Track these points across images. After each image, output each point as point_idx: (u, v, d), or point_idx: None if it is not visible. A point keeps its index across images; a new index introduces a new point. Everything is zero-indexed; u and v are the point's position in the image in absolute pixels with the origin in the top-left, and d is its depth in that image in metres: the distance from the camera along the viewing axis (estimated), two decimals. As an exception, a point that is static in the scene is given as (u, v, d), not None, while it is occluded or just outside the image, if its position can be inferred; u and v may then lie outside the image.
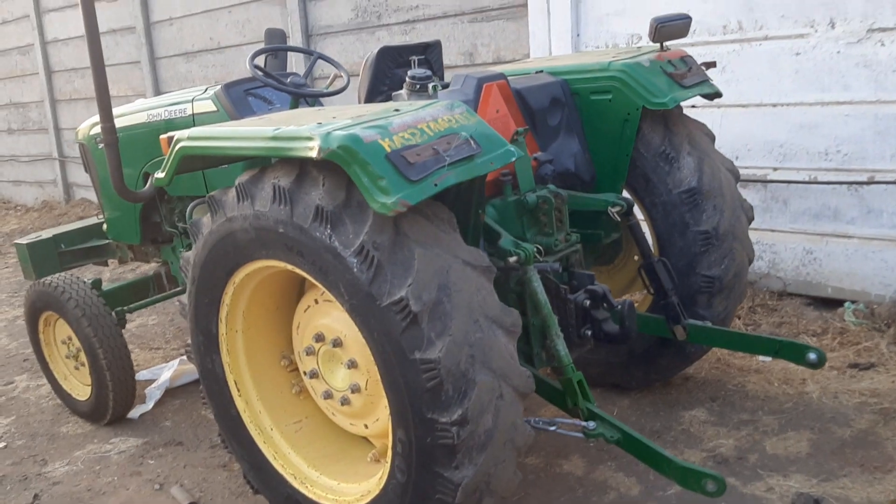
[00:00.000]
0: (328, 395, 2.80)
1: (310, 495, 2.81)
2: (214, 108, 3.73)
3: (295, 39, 6.96)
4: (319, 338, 2.74)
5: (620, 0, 4.95)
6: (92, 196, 10.11)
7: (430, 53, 3.52)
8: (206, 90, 3.88)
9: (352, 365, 2.66)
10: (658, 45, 3.43)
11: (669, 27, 3.29)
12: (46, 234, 4.79)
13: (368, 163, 2.19)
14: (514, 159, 2.44)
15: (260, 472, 2.96)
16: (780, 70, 4.41)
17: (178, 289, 4.59)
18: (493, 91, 3.02)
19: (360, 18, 6.52)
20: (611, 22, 5.04)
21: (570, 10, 5.11)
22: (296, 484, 2.86)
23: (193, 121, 3.83)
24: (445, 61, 4.10)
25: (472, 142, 2.37)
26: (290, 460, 2.91)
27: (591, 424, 2.67)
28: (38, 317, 4.29)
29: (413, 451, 2.34)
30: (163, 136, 2.99)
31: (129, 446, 3.96)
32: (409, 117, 2.37)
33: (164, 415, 4.28)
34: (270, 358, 3.03)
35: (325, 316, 2.74)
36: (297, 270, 2.49)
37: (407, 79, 2.85)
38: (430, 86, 2.85)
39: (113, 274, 7.08)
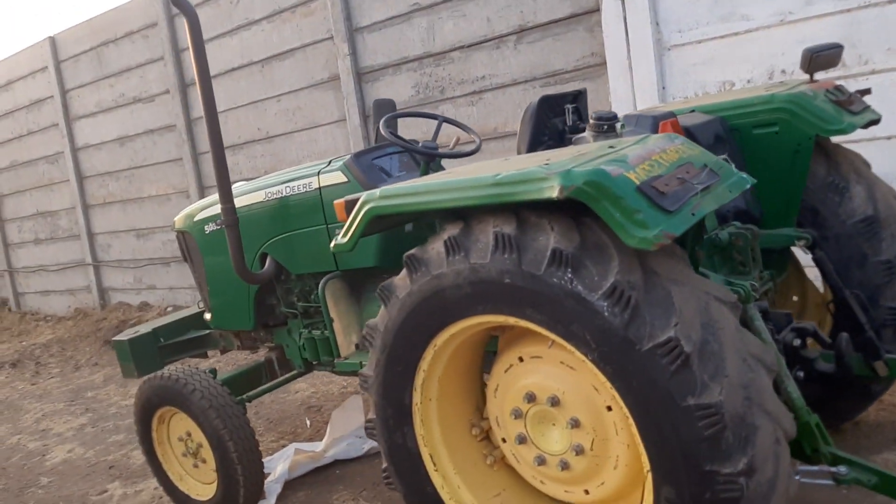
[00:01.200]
0: (541, 462, 2.59)
1: (531, 575, 2.57)
2: (344, 179, 3.62)
3: (352, 123, 6.93)
4: (531, 398, 2.55)
5: (708, 49, 4.95)
6: (130, 298, 9.93)
7: (579, 101, 3.46)
8: (329, 163, 3.77)
9: (574, 425, 2.46)
10: (808, 76, 3.37)
11: (824, 56, 3.23)
12: (144, 328, 4.60)
13: (621, 197, 2.07)
14: (749, 185, 2.32)
15: (465, 553, 2.72)
16: (890, 103, 4.37)
17: (294, 373, 4.39)
18: (668, 129, 2.93)
19: (421, 95, 6.51)
20: (698, 72, 5.02)
21: (654, 64, 5.10)
22: (509, 562, 2.62)
23: (321, 194, 3.71)
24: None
25: (709, 170, 2.25)
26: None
27: (843, 469, 2.46)
28: (153, 414, 4.07)
29: (686, 508, 2.13)
30: (338, 202, 2.86)
31: (268, 545, 3.69)
32: (639, 150, 2.26)
33: (294, 507, 4.02)
34: (462, 427, 2.84)
35: (535, 374, 2.56)
36: (523, 323, 2.33)
37: (592, 121, 2.75)
38: (619, 126, 2.76)
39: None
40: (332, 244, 2.83)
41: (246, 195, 4.03)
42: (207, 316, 4.52)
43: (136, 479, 4.84)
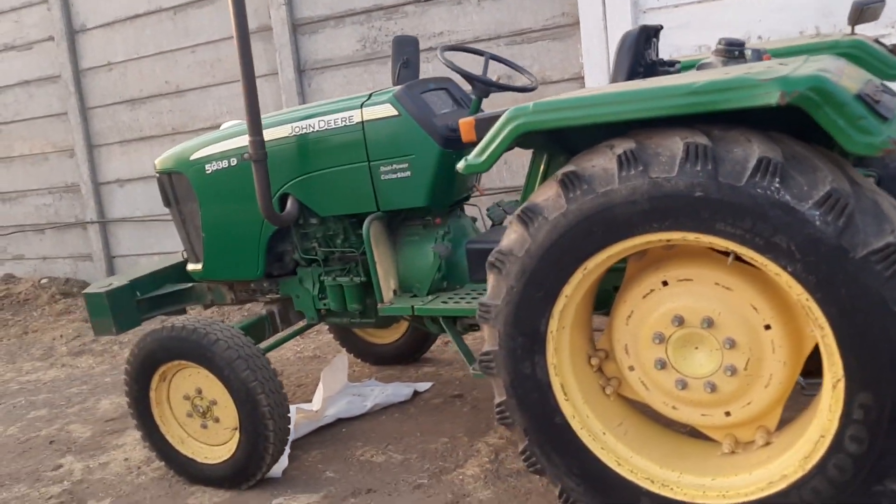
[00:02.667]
0: (683, 385, 2.57)
1: (679, 497, 2.55)
2: (395, 113, 3.41)
3: (286, 77, 6.57)
4: (679, 321, 2.53)
5: (685, 13, 5.12)
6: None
7: (657, 36, 3.45)
8: (368, 96, 3.53)
9: (730, 345, 2.46)
10: (850, 28, 3.54)
11: (870, 9, 3.42)
12: (118, 280, 4.13)
13: (844, 103, 2.08)
14: None
15: (597, 485, 2.64)
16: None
17: (305, 324, 4.10)
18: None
19: (367, 49, 6.27)
20: (674, 35, 5.18)
21: (630, 26, 5.20)
22: (654, 488, 2.58)
23: (363, 129, 3.48)
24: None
25: (883, 87, 2.32)
26: (636, 464, 2.63)
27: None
28: (155, 370, 3.65)
29: (885, 414, 2.18)
30: (464, 120, 2.69)
31: (308, 503, 3.42)
32: (829, 64, 2.28)
33: (314, 466, 3.75)
34: (583, 358, 2.76)
35: (684, 297, 2.53)
36: (705, 239, 2.29)
37: (721, 46, 2.74)
38: (748, 51, 2.77)
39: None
40: (461, 165, 2.66)
41: (264, 130, 3.70)
42: (193, 266, 4.12)
43: (92, 452, 4.34)
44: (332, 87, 6.48)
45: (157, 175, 4.13)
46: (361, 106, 3.50)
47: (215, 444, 3.68)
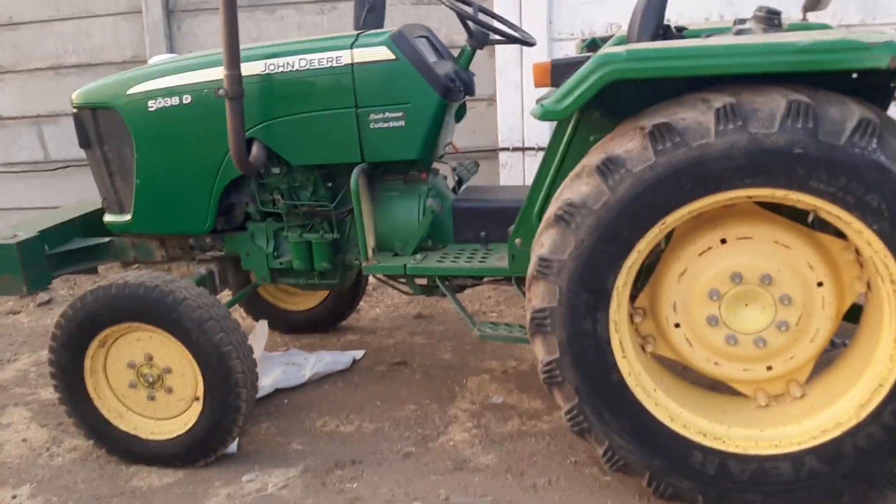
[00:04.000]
0: (733, 341, 2.64)
1: (731, 449, 2.62)
2: (391, 56, 3.17)
3: (152, 17, 5.91)
4: (737, 278, 2.59)
5: (599, -9, 5.24)
6: None
7: None
8: (356, 37, 3.26)
9: (786, 301, 2.57)
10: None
11: None
12: (24, 232, 3.50)
13: None
14: None
15: (650, 441, 2.64)
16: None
17: (254, 284, 3.73)
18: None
19: (253, -7, 5.80)
20: (586, 11, 5.30)
21: (545, 1, 5.26)
22: (707, 442, 2.63)
23: (353, 71, 3.20)
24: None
25: None
26: (687, 420, 2.67)
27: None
28: (95, 336, 3.14)
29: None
30: (539, 63, 2.54)
31: (289, 478, 3.11)
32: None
33: (271, 440, 3.42)
34: (627, 314, 2.74)
35: (743, 254, 2.60)
36: (794, 196, 2.36)
37: (760, 14, 2.80)
38: (783, 20, 2.86)
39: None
40: (536, 110, 2.52)
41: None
42: (116, 217, 3.60)
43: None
44: (206, 34, 5.92)
45: (75, 111, 3.54)
46: (352, 46, 3.21)
47: (164, 418, 3.24)
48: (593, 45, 3.94)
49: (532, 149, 5.50)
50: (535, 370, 3.82)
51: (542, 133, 5.48)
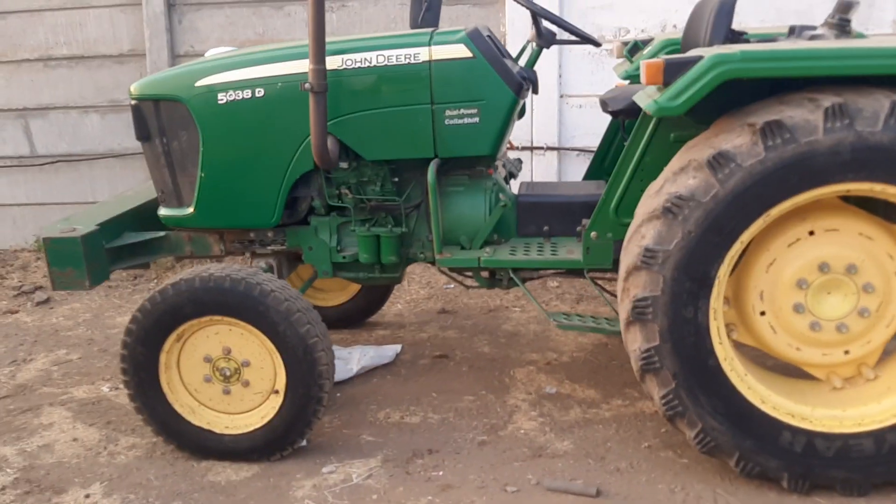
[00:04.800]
0: (816, 327, 2.82)
1: (818, 429, 2.79)
2: (469, 54, 3.25)
3: (153, 9, 5.80)
4: (822, 268, 2.77)
5: (609, -4, 5.42)
6: None
7: None
8: (432, 35, 3.31)
9: (868, 290, 2.76)
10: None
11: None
12: (82, 224, 3.42)
13: None
14: None
15: (742, 423, 2.79)
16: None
17: (314, 278, 3.73)
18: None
19: (259, -11, 5.77)
20: (596, 15, 5.47)
21: (556, 2, 5.40)
22: (795, 423, 2.79)
23: (430, 68, 3.26)
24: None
25: None
26: (776, 402, 2.82)
27: None
28: (173, 330, 3.11)
29: None
30: (651, 61, 2.65)
31: (371, 468, 3.15)
32: None
33: (338, 432, 3.44)
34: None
35: (831, 245, 2.77)
36: (892, 189, 2.55)
37: (832, 20, 2.98)
38: (852, 28, 3.04)
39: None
40: (650, 107, 2.64)
41: (302, 59, 3.30)
42: (175, 212, 3.55)
43: (15, 434, 3.56)
44: (210, 28, 5.87)
45: (135, 102, 3.48)
46: (429, 43, 3.27)
47: (239, 412, 3.23)
48: (635, 48, 4.10)
49: (540, 148, 5.63)
50: (577, 361, 4.01)
51: (550, 133, 5.63)
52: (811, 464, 2.80)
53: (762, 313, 2.86)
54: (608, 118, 5.29)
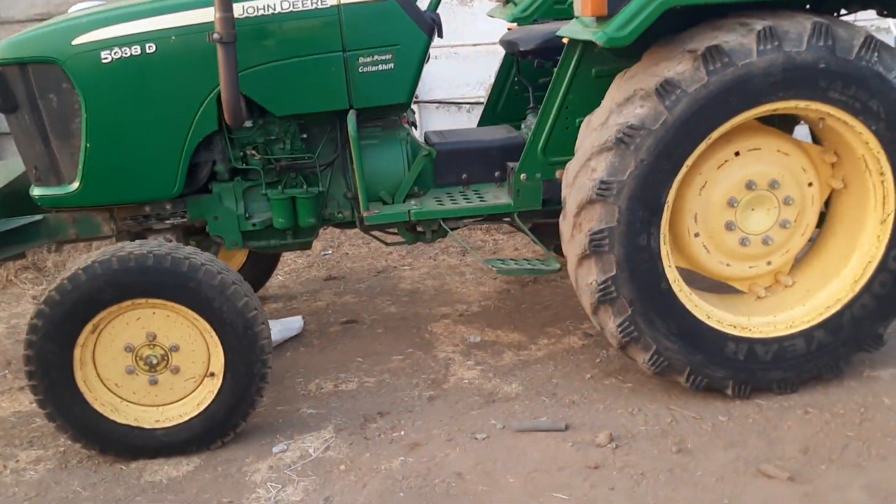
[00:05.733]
0: (744, 242, 3.01)
1: (756, 335, 2.98)
2: None
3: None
4: (750, 185, 2.95)
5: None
6: None
7: None
8: None
9: (788, 202, 2.98)
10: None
11: None
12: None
13: None
14: None
15: (692, 339, 2.93)
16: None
17: (216, 249, 3.41)
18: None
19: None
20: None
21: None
22: (737, 332, 2.98)
23: (340, 13, 3.09)
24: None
25: None
26: (718, 316, 2.99)
27: None
28: (88, 321, 2.75)
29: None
30: None
31: (326, 440, 2.98)
32: None
33: (272, 408, 3.23)
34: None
35: (756, 164, 2.95)
36: (815, 106, 2.77)
37: None
38: None
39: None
40: (600, 37, 2.64)
41: (198, 9, 3.01)
42: (54, 191, 3.13)
43: None
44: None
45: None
46: (338, -12, 3.08)
47: (170, 402, 2.94)
48: (510, -9, 4.10)
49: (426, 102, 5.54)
50: (487, 309, 4.04)
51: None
52: (752, 369, 2.99)
53: (696, 234, 3.00)
54: (466, 68, 5.31)
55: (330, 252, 5.09)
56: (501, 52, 4.54)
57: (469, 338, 3.74)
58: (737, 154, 2.95)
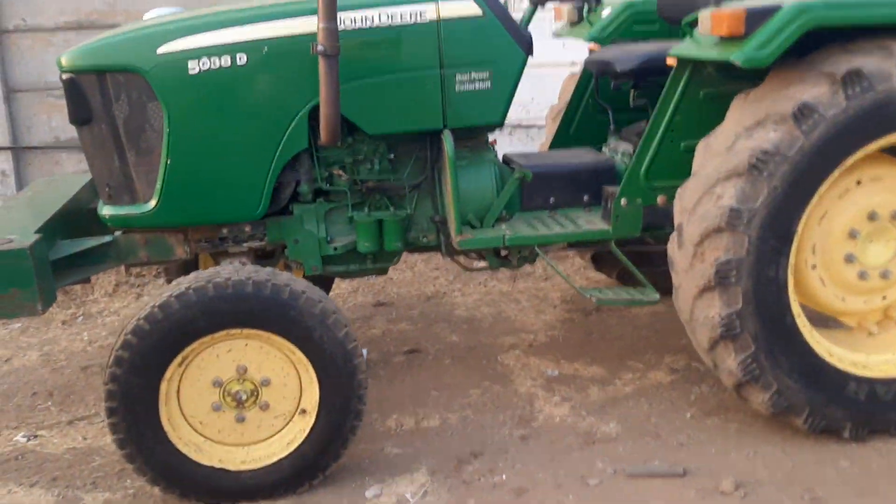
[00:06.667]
0: (863, 276, 2.86)
1: (876, 375, 2.83)
2: (479, 12, 2.94)
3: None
4: (872, 217, 2.81)
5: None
6: None
7: None
8: None
9: None
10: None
11: None
12: (19, 234, 2.69)
13: None
14: None
15: (814, 378, 2.76)
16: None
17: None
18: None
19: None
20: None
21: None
22: (857, 371, 2.82)
23: (439, 28, 2.92)
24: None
25: None
26: (839, 354, 2.84)
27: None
28: (178, 353, 2.52)
29: None
30: (732, 11, 2.50)
31: (422, 484, 2.76)
32: None
33: (353, 447, 3.01)
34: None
35: (877, 194, 2.81)
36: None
37: None
38: None
39: None
40: (738, 57, 2.49)
41: (293, 18, 2.82)
42: (124, 210, 2.91)
43: None
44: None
45: (70, 75, 2.77)
46: (437, 0, 2.91)
47: (257, 441, 2.71)
48: (586, 9, 3.96)
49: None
50: (556, 340, 3.85)
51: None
52: (872, 410, 2.84)
53: (813, 267, 2.85)
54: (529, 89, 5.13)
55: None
56: (555, 73, 4.40)
57: (547, 371, 3.55)
58: (858, 183, 2.81)
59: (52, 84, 4.81)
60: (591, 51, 3.76)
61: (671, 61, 2.98)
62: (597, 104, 3.76)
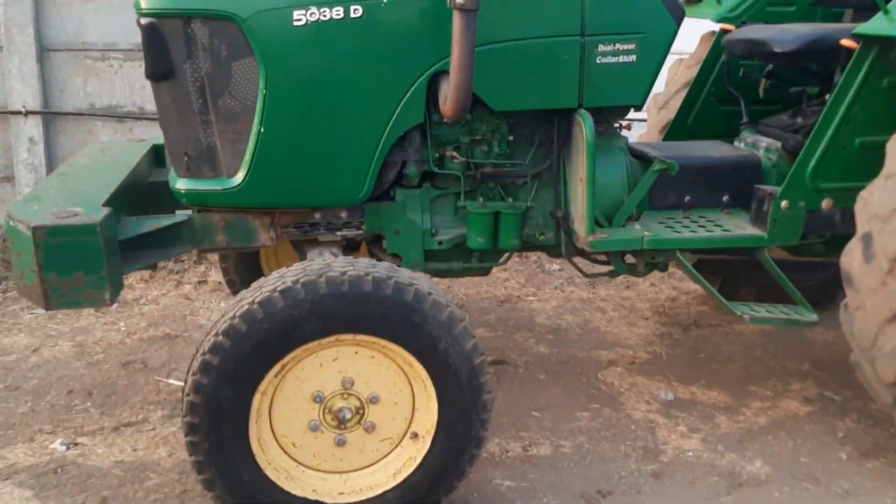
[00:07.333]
0: None
1: None
2: None
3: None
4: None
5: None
6: None
7: None
8: None
9: None
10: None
11: None
12: (84, 207, 2.22)
13: None
14: None
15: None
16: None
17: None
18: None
19: None
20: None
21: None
22: None
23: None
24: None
25: None
26: None
27: None
28: (278, 360, 2.07)
29: None
30: None
31: None
32: None
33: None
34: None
35: None
36: None
37: None
38: None
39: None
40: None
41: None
42: (205, 185, 2.44)
43: None
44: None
45: (151, 20, 2.31)
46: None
47: (358, 469, 2.25)
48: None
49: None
50: (659, 357, 3.43)
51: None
52: None
53: None
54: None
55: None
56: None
57: (660, 394, 3.11)
58: None
59: (90, 44, 4.34)
60: (723, 31, 3.32)
61: (849, 42, 2.55)
62: (721, 92, 3.33)
